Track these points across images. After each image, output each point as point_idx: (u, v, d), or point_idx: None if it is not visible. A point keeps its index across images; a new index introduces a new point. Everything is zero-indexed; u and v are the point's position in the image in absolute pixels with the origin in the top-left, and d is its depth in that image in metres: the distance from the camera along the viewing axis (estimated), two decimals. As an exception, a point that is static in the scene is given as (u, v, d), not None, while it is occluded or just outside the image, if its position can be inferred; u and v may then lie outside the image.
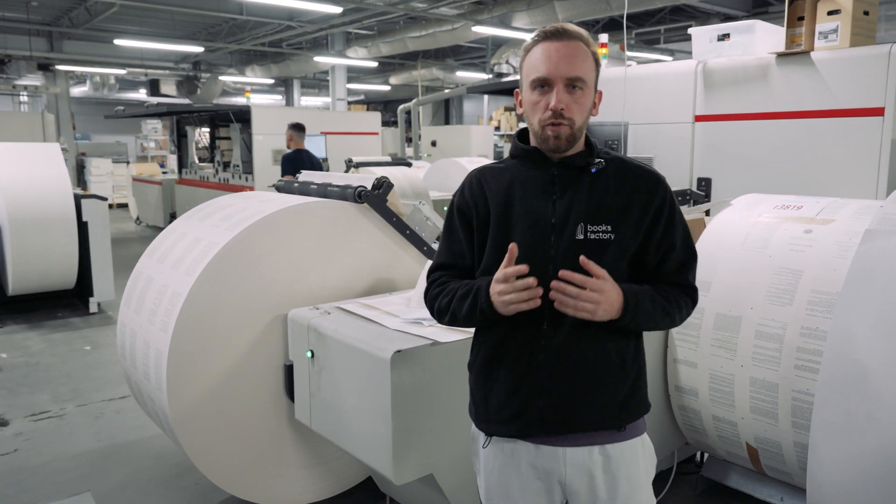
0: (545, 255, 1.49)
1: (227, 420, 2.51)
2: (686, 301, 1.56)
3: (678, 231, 1.55)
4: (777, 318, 2.46)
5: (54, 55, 15.33)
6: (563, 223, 1.49)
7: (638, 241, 1.50)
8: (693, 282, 1.58)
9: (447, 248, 1.66)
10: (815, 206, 2.67)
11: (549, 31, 1.47)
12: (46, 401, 4.18)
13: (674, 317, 1.53)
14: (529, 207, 1.53)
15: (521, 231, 1.52)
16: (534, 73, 1.46)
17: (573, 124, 1.46)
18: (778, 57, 3.89)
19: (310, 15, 13.07)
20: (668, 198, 1.54)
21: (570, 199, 1.50)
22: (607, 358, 1.52)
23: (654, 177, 1.54)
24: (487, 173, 1.63)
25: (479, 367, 1.63)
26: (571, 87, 1.45)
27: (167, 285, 2.52)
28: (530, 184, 1.54)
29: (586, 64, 1.46)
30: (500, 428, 1.57)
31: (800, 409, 2.39)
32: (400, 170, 7.32)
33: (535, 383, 1.51)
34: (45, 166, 5.89)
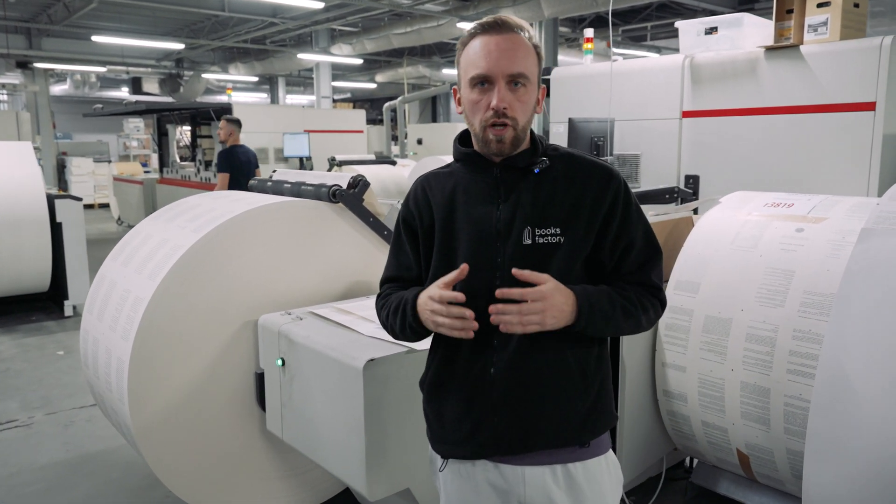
0: (491, 264, 1.39)
1: (195, 432, 2.38)
2: (652, 301, 1.45)
3: (636, 227, 1.45)
4: (768, 320, 2.36)
5: (33, 53, 15.05)
6: (507, 228, 1.39)
7: (591, 241, 1.41)
8: (658, 281, 1.47)
9: (395, 261, 1.58)
10: (806, 204, 2.58)
11: (487, 24, 1.37)
12: (14, 409, 4.03)
13: (638, 318, 1.42)
14: (473, 214, 1.43)
15: (465, 239, 1.42)
16: (473, 70, 1.36)
17: (517, 125, 1.36)
18: (767, 51, 3.81)
19: (293, 11, 12.90)
20: (622, 192, 1.44)
21: (514, 202, 1.40)
22: (566, 368, 1.41)
23: (604, 171, 1.44)
24: (432, 180, 1.53)
25: (429, 384, 1.53)
26: (514, 83, 1.34)
27: (130, 290, 2.39)
28: (473, 189, 1.45)
29: (528, 59, 1.36)
30: (456, 449, 1.47)
31: (792, 414, 2.30)
32: (383, 168, 7.20)
33: (489, 400, 1.41)
34: (16, 166, 5.71)
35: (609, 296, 1.38)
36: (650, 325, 1.47)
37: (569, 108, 4.46)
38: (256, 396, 2.48)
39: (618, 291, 1.40)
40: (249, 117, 9.41)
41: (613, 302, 1.37)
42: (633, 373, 2.63)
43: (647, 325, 1.45)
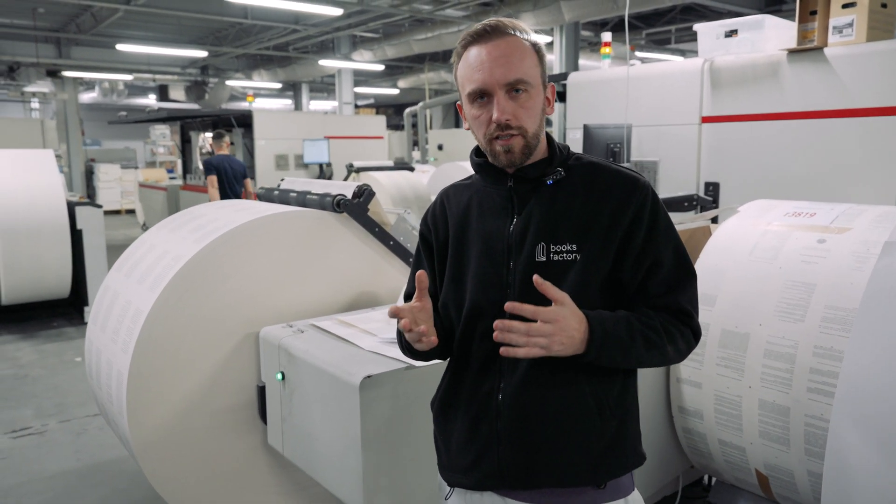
0: (500, 281, 1.30)
1: (195, 445, 2.34)
2: (681, 329, 1.29)
3: (664, 244, 1.30)
4: (788, 335, 2.26)
5: (62, 61, 15.34)
6: (520, 244, 1.29)
7: (610, 258, 1.28)
8: (689, 307, 1.30)
9: (412, 277, 1.49)
10: (829, 214, 2.47)
11: (476, 32, 1.27)
12: (29, 416, 4.05)
13: (663, 349, 1.27)
14: (485, 228, 1.34)
15: (476, 254, 1.34)
16: (469, 85, 1.27)
17: (525, 133, 1.26)
18: (789, 54, 3.68)
19: (314, 18, 12.96)
20: (649, 204, 1.30)
21: (528, 215, 1.30)
22: (580, 402, 1.28)
23: (628, 180, 1.31)
24: (451, 193, 1.45)
25: (438, 405, 1.45)
26: (514, 91, 1.25)
27: (131, 301, 2.36)
28: (487, 202, 1.36)
29: (526, 61, 1.26)
30: (460, 478, 1.38)
31: (813, 435, 2.19)
32: (402, 174, 7.16)
33: (493, 428, 1.31)
34: (37, 173, 5.78)
35: (628, 323, 1.24)
36: (679, 356, 1.30)
37: (586, 114, 4.37)
38: (258, 410, 2.43)
39: (639, 318, 1.26)
40: (270, 124, 9.48)
41: (632, 330, 1.23)
42: (647, 388, 2.53)
43: (675, 356, 1.29)
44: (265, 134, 9.36)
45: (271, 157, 9.43)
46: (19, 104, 21.23)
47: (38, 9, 12.62)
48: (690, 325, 1.31)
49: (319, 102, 23.53)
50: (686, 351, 1.31)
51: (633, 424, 1.37)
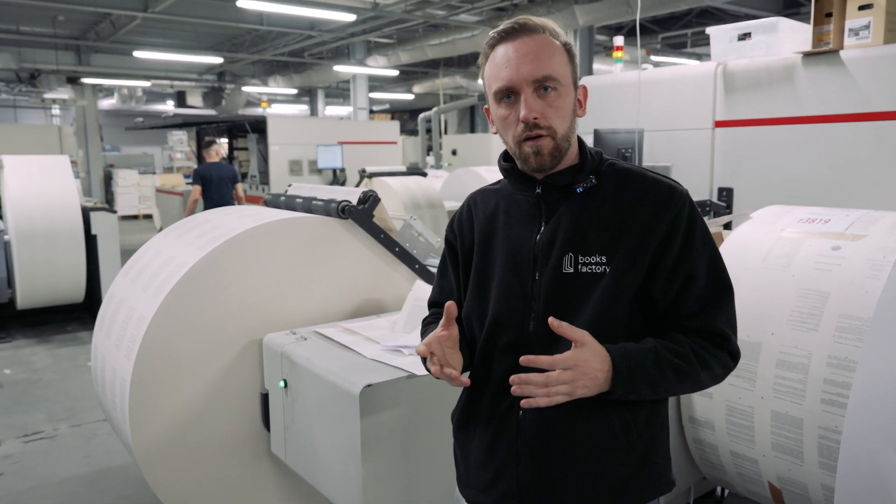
0: (524, 293, 1.24)
1: (198, 453, 2.33)
2: (716, 354, 1.20)
3: (700, 257, 1.21)
4: (801, 345, 2.20)
5: (81, 68, 15.56)
6: (546, 254, 1.23)
7: (641, 272, 1.20)
8: (725, 328, 1.22)
9: (438, 284, 1.47)
10: (844, 220, 2.41)
11: (503, 31, 1.22)
12: (41, 420, 4.08)
13: (697, 378, 1.19)
14: (511, 236, 1.29)
15: (501, 264, 1.28)
16: (495, 84, 1.22)
17: (555, 133, 1.20)
18: (804, 57, 3.61)
19: (329, 24, 13.02)
20: (686, 214, 1.22)
21: (556, 224, 1.24)
22: (607, 428, 1.22)
23: (664, 189, 1.24)
24: (479, 198, 1.40)
25: (458, 418, 1.41)
26: (542, 89, 1.19)
27: (135, 308, 2.36)
28: (514, 209, 1.31)
29: (555, 59, 1.21)
30: (478, 495, 1.33)
31: (827, 448, 2.13)
32: (414, 180, 7.15)
33: (513, 447, 1.26)
34: (52, 179, 5.84)
35: (655, 355, 1.16)
36: (716, 381, 1.23)
37: (597, 118, 4.32)
38: (262, 417, 2.42)
39: (668, 347, 1.18)
40: (283, 129, 9.52)
41: (661, 363, 1.16)
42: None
43: (710, 382, 1.22)
44: (279, 139, 9.41)
45: (285, 162, 9.47)
46: (40, 111, 21.54)
47: (59, 17, 12.81)
48: (727, 347, 1.22)
49: (335, 108, 23.64)
50: (723, 375, 1.23)
51: (661, 449, 1.30)
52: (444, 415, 1.97)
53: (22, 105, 21.31)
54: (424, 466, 1.93)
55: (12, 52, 14.39)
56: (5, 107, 21.95)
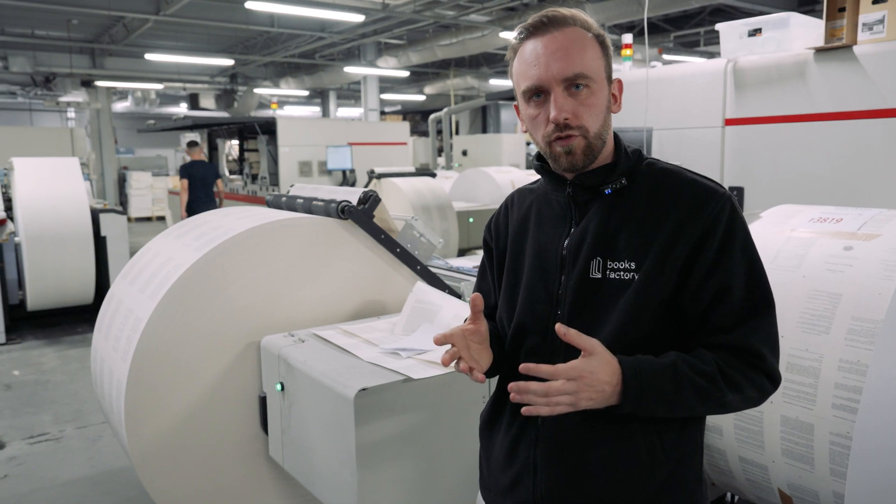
0: (550, 297, 1.18)
1: (196, 458, 2.30)
2: (750, 376, 1.10)
3: (737, 267, 1.11)
4: (811, 348, 2.14)
5: (95, 72, 15.69)
6: (573, 258, 1.17)
7: (672, 280, 1.12)
8: (762, 347, 1.11)
9: (478, 286, 1.43)
10: (856, 219, 2.34)
11: (532, 25, 1.15)
12: (48, 422, 4.08)
13: (723, 400, 1.09)
14: (540, 238, 1.24)
15: (529, 267, 1.24)
16: (524, 83, 1.16)
17: (587, 132, 1.14)
18: (816, 52, 3.53)
19: (340, 26, 13.04)
20: (725, 219, 1.12)
21: (585, 227, 1.18)
22: (629, 446, 1.15)
23: (702, 191, 1.15)
24: (517, 196, 1.36)
25: (485, 417, 1.36)
26: (574, 87, 1.13)
27: (132, 309, 2.33)
28: (546, 209, 1.26)
29: (587, 53, 1.14)
30: (498, 499, 1.29)
31: (839, 454, 2.06)
32: (423, 180, 7.11)
33: (531, 454, 1.21)
34: (62, 181, 5.87)
35: (674, 373, 1.07)
36: (749, 404, 1.13)
37: (605, 117, 4.26)
38: (260, 421, 2.39)
39: (690, 364, 1.09)
40: (293, 131, 9.53)
41: (680, 381, 1.07)
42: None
43: (742, 405, 1.12)
44: (289, 141, 9.41)
45: (295, 163, 9.48)
46: (56, 114, 21.77)
47: (73, 20, 12.93)
48: (763, 368, 1.11)
49: (347, 109, 23.69)
50: (758, 398, 1.13)
51: (691, 471, 1.21)
52: (443, 419, 1.94)
53: (37, 108, 21.56)
54: (422, 472, 1.89)
55: (27, 56, 14.54)
56: (21, 110, 22.21)
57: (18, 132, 10.90)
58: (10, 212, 6.04)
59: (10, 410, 4.27)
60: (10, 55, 14.32)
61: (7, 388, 4.68)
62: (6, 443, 3.78)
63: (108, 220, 6.06)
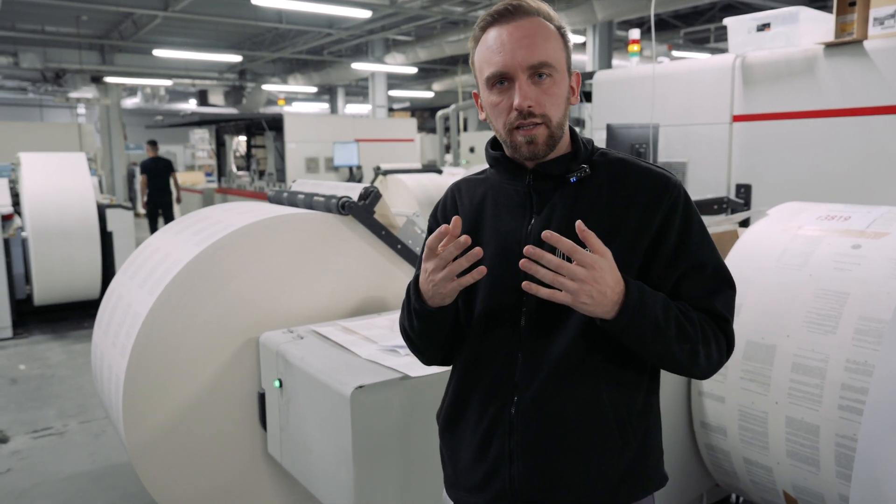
0: (516, 286, 1.17)
1: (194, 453, 2.29)
2: (716, 334, 1.17)
3: (699, 248, 1.19)
4: (818, 348, 2.10)
5: (105, 68, 15.76)
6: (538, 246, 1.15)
7: (636, 264, 1.18)
8: (725, 312, 1.19)
9: None
10: (865, 217, 2.30)
11: (496, 12, 1.16)
12: (51, 416, 4.09)
13: (696, 347, 1.14)
14: (500, 227, 1.24)
15: (490, 255, 1.22)
16: (487, 69, 1.16)
17: (549, 121, 1.15)
18: (826, 48, 3.48)
19: (348, 22, 13.02)
20: (681, 205, 1.19)
21: (548, 215, 1.20)
22: (602, 423, 1.19)
23: (659, 179, 1.21)
24: (463, 186, 1.35)
25: (444, 418, 1.34)
26: (537, 75, 1.14)
27: (131, 304, 2.33)
28: (503, 198, 1.26)
29: (550, 43, 1.15)
30: (468, 497, 1.28)
31: (845, 456, 2.02)
32: (428, 177, 7.09)
33: (506, 445, 1.21)
34: (69, 176, 5.88)
35: (665, 303, 1.13)
36: (710, 365, 1.18)
37: (612, 113, 4.22)
38: (259, 417, 2.37)
39: (678, 306, 1.15)
40: (300, 127, 9.52)
41: (669, 312, 1.12)
42: (667, 401, 2.39)
43: (705, 362, 1.17)
44: (296, 137, 9.41)
45: (302, 159, 9.47)
46: (66, 110, 21.88)
47: (83, 17, 12.98)
48: (726, 331, 1.19)
49: (355, 106, 23.70)
50: (717, 362, 1.19)
51: (655, 444, 1.28)
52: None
53: (47, 104, 21.68)
54: (419, 470, 1.87)
55: (38, 52, 14.62)
56: (31, 106, 22.34)
57: (27, 128, 10.96)
58: (18, 207, 6.06)
59: (15, 404, 4.28)
60: (21, 51, 14.40)
61: (13, 383, 4.70)
62: (10, 437, 3.79)
63: (114, 216, 6.07)
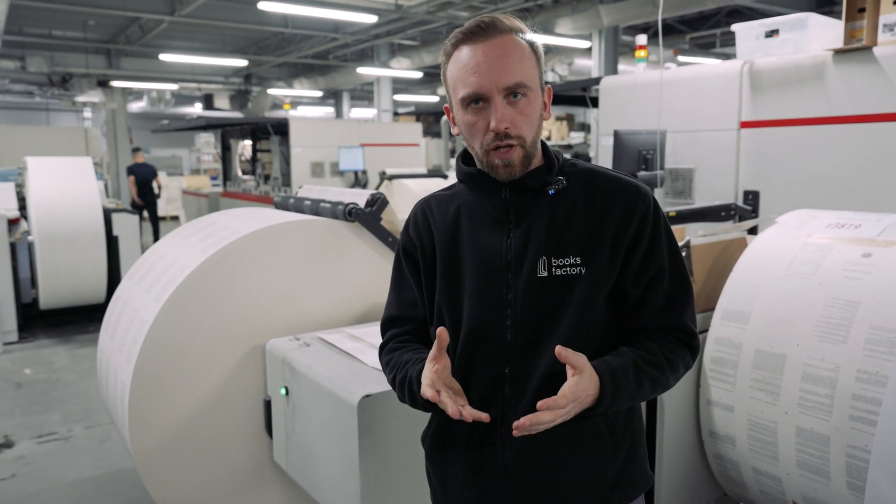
0: (500, 300, 1.20)
1: (200, 461, 2.28)
2: (682, 354, 1.25)
3: (665, 254, 1.24)
4: (828, 357, 2.08)
5: (111, 72, 15.82)
6: (520, 259, 1.19)
7: (616, 271, 1.21)
8: (691, 324, 1.26)
9: (397, 298, 1.38)
10: (875, 225, 2.28)
11: (470, 30, 1.16)
12: (57, 421, 4.09)
13: (667, 382, 1.23)
14: (479, 243, 1.23)
15: (471, 272, 1.23)
16: (462, 89, 1.16)
17: (524, 142, 1.16)
18: (835, 54, 3.46)
19: (354, 27, 13.05)
20: (651, 213, 1.23)
21: (527, 228, 1.20)
22: (593, 429, 1.22)
23: (630, 188, 1.24)
24: (433, 203, 1.34)
25: (430, 442, 1.34)
26: (512, 95, 1.14)
27: (137, 311, 2.32)
28: (479, 213, 1.25)
29: (524, 63, 1.15)
30: None
31: (856, 468, 2.00)
32: (434, 182, 7.08)
33: (498, 463, 1.21)
34: (75, 181, 5.90)
35: (636, 370, 1.18)
36: (678, 381, 1.27)
37: (618, 119, 4.21)
38: (265, 425, 2.36)
39: (644, 358, 1.20)
40: (305, 131, 9.53)
41: (640, 377, 1.18)
42: (674, 410, 2.38)
43: (675, 383, 1.26)
44: (301, 141, 9.40)
45: (307, 164, 9.47)
46: (72, 114, 21.98)
47: (89, 21, 13.04)
48: (690, 344, 1.26)
49: (360, 110, 23.73)
50: (684, 373, 1.27)
51: (641, 445, 1.32)
52: (448, 426, 1.90)
53: (54, 108, 21.78)
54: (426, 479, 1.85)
55: (45, 57, 14.68)
56: (38, 110, 22.45)
57: (33, 132, 10.99)
58: (24, 211, 6.07)
59: (20, 409, 4.28)
60: (28, 55, 14.47)
61: (18, 387, 4.70)
62: (15, 441, 3.79)
63: (120, 220, 6.09)
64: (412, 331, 1.36)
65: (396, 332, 1.38)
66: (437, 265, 1.28)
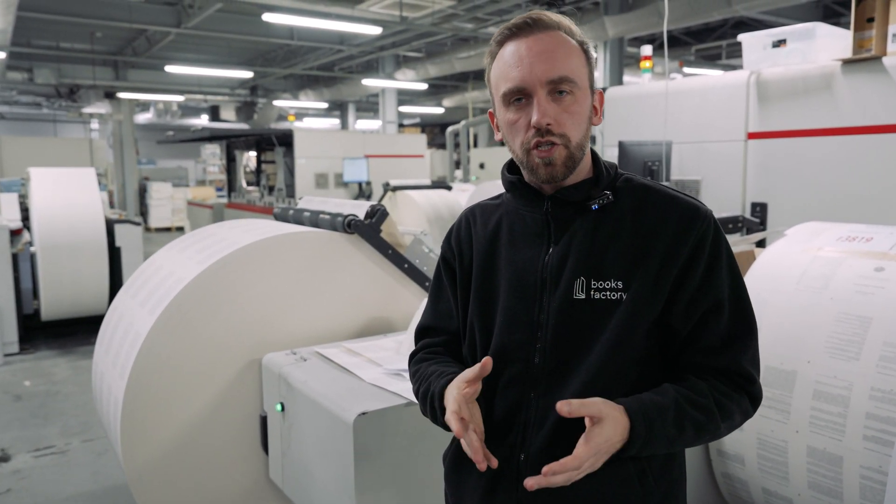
0: (530, 321, 1.11)
1: (193, 478, 2.23)
2: (738, 400, 1.09)
3: (725, 285, 1.09)
4: (840, 375, 2.01)
5: (119, 83, 15.90)
6: (556, 278, 1.10)
7: (661, 300, 1.08)
8: (750, 368, 1.10)
9: (433, 307, 1.32)
10: (888, 238, 2.22)
11: (515, 25, 1.09)
12: (54, 434, 4.04)
13: (717, 430, 1.08)
14: (516, 257, 1.16)
15: (505, 288, 1.15)
16: (504, 84, 1.09)
17: (569, 142, 1.07)
18: (843, 64, 3.42)
19: (359, 39, 13.08)
20: (710, 238, 1.10)
21: (567, 245, 1.12)
22: (622, 474, 1.09)
23: (687, 208, 1.11)
24: (478, 212, 1.27)
25: (450, 461, 1.27)
26: (557, 92, 1.06)
27: (132, 324, 2.28)
28: (519, 226, 1.17)
29: (572, 59, 1.08)
30: None
31: (870, 489, 1.94)
32: (438, 193, 7.05)
33: (512, 493, 1.12)
34: (78, 191, 5.88)
35: (677, 412, 1.04)
36: (732, 430, 1.12)
37: (623, 130, 4.16)
38: (261, 441, 2.31)
39: (690, 400, 1.05)
40: (310, 143, 9.53)
41: (682, 419, 1.04)
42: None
43: (727, 432, 1.11)
44: (305, 153, 9.40)
45: (311, 175, 9.46)
46: (79, 125, 22.10)
47: (97, 33, 13.12)
48: (749, 391, 1.10)
49: (366, 121, 23.79)
50: (741, 422, 1.12)
51: (679, 493, 1.18)
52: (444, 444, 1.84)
53: (61, 119, 21.91)
54: (422, 498, 1.80)
55: (52, 68, 14.78)
56: (45, 121, 22.59)
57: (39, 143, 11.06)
58: (27, 221, 6.06)
59: (18, 422, 4.23)
60: (36, 67, 14.56)
61: (17, 399, 4.66)
62: (11, 455, 3.74)
63: (122, 231, 6.06)
64: (445, 342, 1.29)
65: (429, 342, 1.32)
66: (473, 279, 1.21)
